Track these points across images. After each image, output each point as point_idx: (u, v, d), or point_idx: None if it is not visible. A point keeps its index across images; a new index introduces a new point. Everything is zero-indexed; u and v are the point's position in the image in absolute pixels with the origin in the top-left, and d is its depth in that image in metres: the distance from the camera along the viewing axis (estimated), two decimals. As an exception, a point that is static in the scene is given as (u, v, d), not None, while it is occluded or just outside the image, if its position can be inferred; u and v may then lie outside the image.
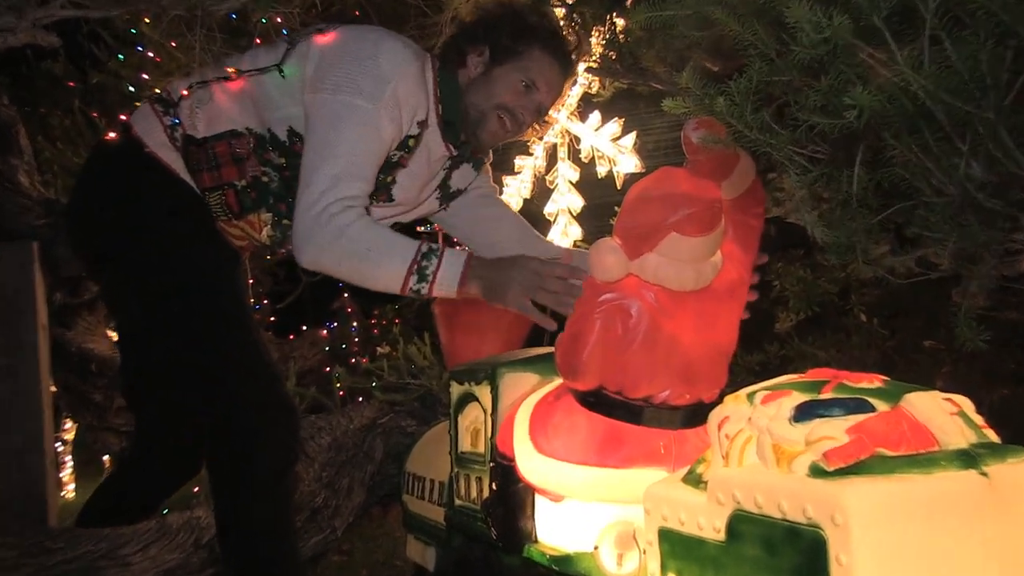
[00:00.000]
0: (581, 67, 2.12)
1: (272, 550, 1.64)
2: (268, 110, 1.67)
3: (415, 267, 1.52)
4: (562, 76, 1.79)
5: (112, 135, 1.76)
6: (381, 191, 1.76)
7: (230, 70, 1.66)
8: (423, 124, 1.72)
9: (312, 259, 1.56)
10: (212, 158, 1.67)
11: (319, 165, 1.56)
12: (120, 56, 3.13)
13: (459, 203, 1.97)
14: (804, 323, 2.42)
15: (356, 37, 1.66)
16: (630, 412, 1.26)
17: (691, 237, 1.17)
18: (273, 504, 1.65)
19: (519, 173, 2.77)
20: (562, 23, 1.96)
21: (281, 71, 1.63)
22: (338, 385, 3.29)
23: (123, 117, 1.81)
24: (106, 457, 4.11)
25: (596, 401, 1.28)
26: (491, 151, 1.97)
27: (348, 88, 1.57)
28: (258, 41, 1.88)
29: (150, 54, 2.15)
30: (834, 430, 0.90)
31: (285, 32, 1.76)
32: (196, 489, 2.34)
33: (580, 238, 2.70)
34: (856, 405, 0.94)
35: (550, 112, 1.86)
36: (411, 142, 1.71)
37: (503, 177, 2.76)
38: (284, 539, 1.69)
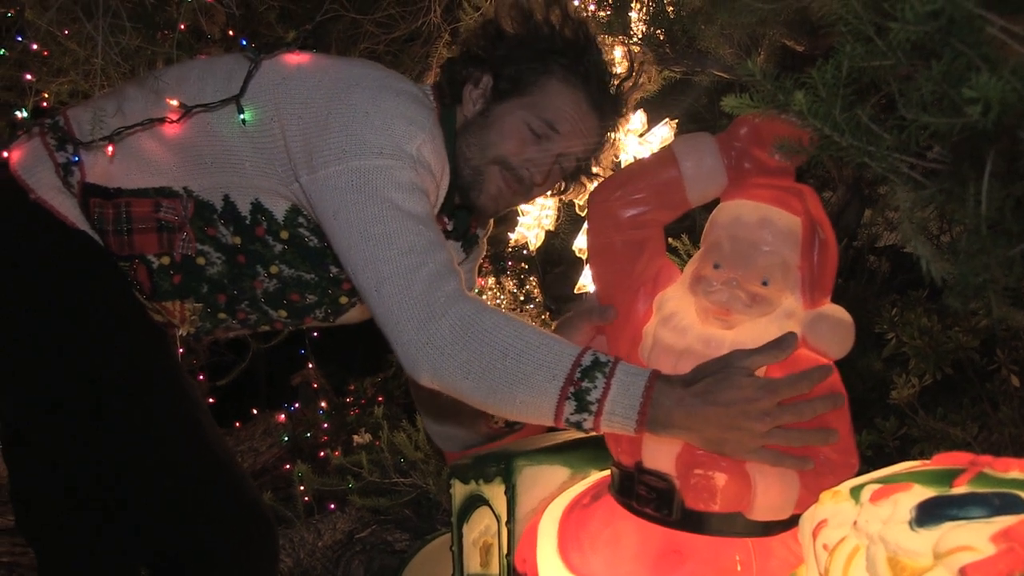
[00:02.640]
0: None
1: None
2: (223, 171, 1.60)
3: (571, 388, 1.35)
4: (596, 115, 1.70)
5: None
6: None
7: (172, 102, 1.57)
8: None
9: (433, 368, 1.43)
10: (123, 218, 1.59)
11: (381, 249, 1.47)
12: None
13: None
14: (931, 390, 2.39)
15: (342, 86, 1.56)
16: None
17: None
18: None
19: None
20: (607, 43, 1.87)
21: (241, 113, 1.55)
22: (301, 488, 3.28)
23: (-5, 148, 1.69)
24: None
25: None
26: (492, 219, 1.90)
27: (357, 150, 1.50)
28: (203, 57, 1.81)
29: (34, 46, 2.16)
30: (973, 537, 0.89)
31: (243, 42, 1.67)
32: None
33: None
34: (1004, 503, 0.93)
35: (593, 165, 1.78)
36: None
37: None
38: None
